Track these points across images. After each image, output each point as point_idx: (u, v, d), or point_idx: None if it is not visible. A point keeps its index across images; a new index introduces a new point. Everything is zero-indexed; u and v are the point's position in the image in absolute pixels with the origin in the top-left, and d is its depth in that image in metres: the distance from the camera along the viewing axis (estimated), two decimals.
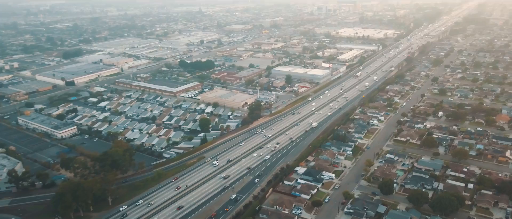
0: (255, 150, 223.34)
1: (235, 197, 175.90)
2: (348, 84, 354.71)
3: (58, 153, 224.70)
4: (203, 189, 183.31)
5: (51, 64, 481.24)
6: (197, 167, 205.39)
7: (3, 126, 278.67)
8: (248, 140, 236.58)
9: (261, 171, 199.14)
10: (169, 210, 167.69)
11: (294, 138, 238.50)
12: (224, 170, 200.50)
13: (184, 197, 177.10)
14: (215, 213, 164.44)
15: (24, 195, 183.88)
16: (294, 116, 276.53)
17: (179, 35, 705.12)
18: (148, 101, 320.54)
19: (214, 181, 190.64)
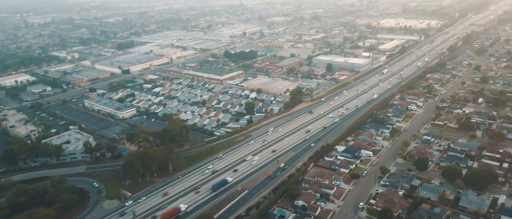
0: (300, 129, 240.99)
1: (282, 165, 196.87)
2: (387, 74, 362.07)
3: (122, 130, 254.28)
4: (256, 159, 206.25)
5: (106, 54, 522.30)
6: (250, 141, 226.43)
7: (72, 107, 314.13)
8: (292, 122, 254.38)
9: (303, 148, 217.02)
10: (227, 173, 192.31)
11: (337, 119, 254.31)
12: (270, 146, 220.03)
13: (238, 165, 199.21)
14: (272, 173, 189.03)
15: (96, 164, 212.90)
16: (335, 101, 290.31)
17: (222, 27, 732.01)
18: (197, 88, 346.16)
19: (264, 153, 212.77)
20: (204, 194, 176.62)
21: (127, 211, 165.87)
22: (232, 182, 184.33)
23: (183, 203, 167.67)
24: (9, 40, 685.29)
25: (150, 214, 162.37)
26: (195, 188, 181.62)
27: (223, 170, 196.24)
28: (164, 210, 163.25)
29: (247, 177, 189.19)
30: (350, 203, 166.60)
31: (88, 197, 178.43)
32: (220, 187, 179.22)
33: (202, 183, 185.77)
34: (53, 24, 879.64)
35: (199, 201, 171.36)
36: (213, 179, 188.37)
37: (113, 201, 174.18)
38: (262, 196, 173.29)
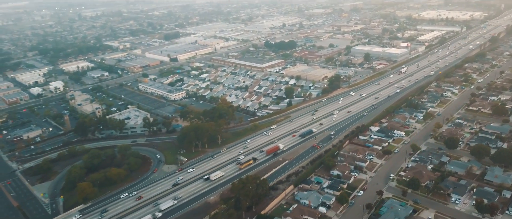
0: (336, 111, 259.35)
1: (332, 133, 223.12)
2: (423, 64, 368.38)
3: (174, 110, 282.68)
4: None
5: (154, 44, 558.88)
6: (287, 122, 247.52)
7: (128, 90, 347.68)
8: (331, 105, 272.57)
9: (342, 126, 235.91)
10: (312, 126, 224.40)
11: (375, 103, 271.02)
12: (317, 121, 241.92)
13: (281, 139, 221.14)
14: (315, 144, 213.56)
15: (154, 137, 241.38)
16: (374, 86, 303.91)
17: (262, 19, 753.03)
18: (240, 75, 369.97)
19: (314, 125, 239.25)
20: (296, 139, 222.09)
21: (184, 171, 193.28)
22: (316, 132, 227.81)
23: (281, 144, 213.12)
24: (66, 31, 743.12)
25: (204, 175, 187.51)
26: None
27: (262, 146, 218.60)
28: (268, 147, 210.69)
29: (296, 145, 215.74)
30: (381, 174, 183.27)
31: (149, 162, 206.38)
32: (307, 135, 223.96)
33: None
34: (103, 17, 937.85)
35: (292, 143, 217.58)
36: None
37: (171, 166, 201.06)
38: (301, 166, 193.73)
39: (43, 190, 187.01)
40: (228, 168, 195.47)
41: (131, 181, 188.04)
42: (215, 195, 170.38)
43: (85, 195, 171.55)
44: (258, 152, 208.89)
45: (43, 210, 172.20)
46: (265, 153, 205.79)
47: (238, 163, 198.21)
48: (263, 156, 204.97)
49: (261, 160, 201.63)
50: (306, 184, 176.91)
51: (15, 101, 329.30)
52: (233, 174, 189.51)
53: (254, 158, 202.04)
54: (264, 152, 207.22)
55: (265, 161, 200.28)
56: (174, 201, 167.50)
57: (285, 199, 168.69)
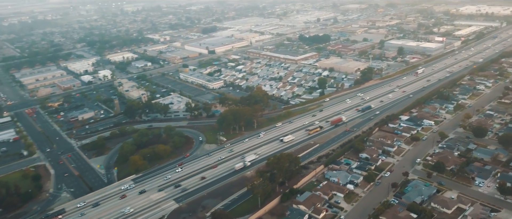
0: None
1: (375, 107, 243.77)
2: (459, 57, 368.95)
3: (213, 97, 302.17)
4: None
5: (193, 37, 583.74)
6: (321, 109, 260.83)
7: (170, 79, 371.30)
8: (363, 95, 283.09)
9: (372, 115, 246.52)
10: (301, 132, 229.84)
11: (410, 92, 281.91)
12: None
13: None
14: (348, 128, 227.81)
15: (195, 120, 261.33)
16: (405, 79, 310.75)
17: (297, 14, 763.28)
18: (274, 66, 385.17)
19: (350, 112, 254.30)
20: (354, 113, 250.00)
21: (225, 149, 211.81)
22: (375, 108, 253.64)
23: (344, 116, 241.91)
24: (110, 25, 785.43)
25: (241, 155, 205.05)
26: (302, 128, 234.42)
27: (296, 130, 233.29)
28: (333, 118, 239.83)
29: (356, 118, 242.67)
30: (408, 159, 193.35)
31: (192, 142, 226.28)
32: (366, 110, 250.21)
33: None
34: (144, 12, 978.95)
35: (353, 116, 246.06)
36: None
37: (211, 145, 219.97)
38: (331, 149, 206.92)
39: (99, 163, 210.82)
40: (299, 134, 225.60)
41: (175, 157, 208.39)
42: (251, 170, 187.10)
43: (137, 166, 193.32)
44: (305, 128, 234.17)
45: (100, 179, 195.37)
46: (330, 123, 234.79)
47: (307, 130, 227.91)
48: (328, 125, 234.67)
49: (326, 128, 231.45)
50: (336, 165, 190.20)
51: (69, 88, 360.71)
52: (303, 138, 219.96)
53: (321, 126, 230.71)
54: (328, 122, 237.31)
55: (330, 130, 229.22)
56: (256, 155, 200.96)
57: (316, 177, 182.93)
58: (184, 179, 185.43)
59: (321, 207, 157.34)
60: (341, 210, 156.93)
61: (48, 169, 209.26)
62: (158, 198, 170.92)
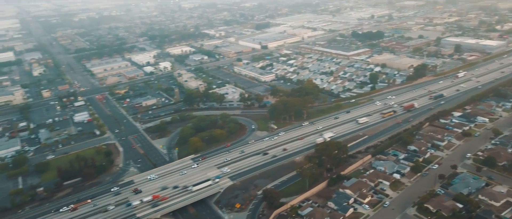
0: None
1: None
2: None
3: (265, 89, 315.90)
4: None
5: (247, 33, 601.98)
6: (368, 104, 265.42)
7: (224, 72, 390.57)
8: (412, 92, 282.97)
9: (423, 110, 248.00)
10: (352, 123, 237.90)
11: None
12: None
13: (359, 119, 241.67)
14: (400, 121, 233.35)
15: (247, 109, 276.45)
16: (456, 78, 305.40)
17: (351, 11, 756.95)
18: (326, 61, 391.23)
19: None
20: (426, 101, 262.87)
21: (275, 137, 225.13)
22: (446, 96, 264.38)
23: (416, 103, 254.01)
24: (169, 21, 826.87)
25: (291, 141, 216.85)
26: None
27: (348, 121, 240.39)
28: (405, 104, 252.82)
29: (428, 105, 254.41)
30: (458, 153, 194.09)
31: (245, 128, 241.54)
32: (439, 97, 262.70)
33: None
34: (200, 8, 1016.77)
35: (424, 103, 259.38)
36: None
37: (263, 132, 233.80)
38: (379, 141, 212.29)
39: (161, 143, 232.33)
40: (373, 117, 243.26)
41: (230, 141, 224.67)
42: (300, 156, 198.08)
43: (196, 147, 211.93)
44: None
45: (162, 158, 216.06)
46: (403, 108, 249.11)
47: (381, 113, 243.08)
48: (401, 110, 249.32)
49: (399, 113, 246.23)
50: (383, 155, 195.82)
51: (133, 77, 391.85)
52: (376, 121, 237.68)
53: (394, 110, 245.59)
54: (402, 107, 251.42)
55: (402, 114, 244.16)
56: (333, 133, 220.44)
57: (363, 166, 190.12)
58: (246, 158, 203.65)
59: (366, 193, 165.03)
60: (386, 197, 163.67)
61: (118, 147, 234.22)
62: (215, 175, 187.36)
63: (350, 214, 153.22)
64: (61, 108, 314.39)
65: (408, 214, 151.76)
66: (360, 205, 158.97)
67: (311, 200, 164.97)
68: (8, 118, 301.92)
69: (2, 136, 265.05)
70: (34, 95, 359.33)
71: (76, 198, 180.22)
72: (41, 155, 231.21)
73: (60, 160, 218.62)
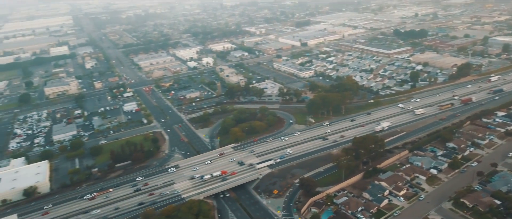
0: None
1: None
2: None
3: (303, 85, 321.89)
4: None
5: (287, 31, 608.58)
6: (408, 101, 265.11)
7: (264, 68, 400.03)
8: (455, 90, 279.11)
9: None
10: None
11: None
12: None
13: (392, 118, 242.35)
14: (444, 117, 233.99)
15: (286, 104, 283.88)
16: None
17: (394, 9, 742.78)
18: (366, 59, 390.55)
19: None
20: (483, 96, 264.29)
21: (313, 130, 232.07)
22: (507, 91, 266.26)
23: (474, 97, 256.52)
24: (211, 18, 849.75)
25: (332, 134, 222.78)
26: None
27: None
28: (463, 98, 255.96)
29: (487, 99, 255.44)
30: (500, 152, 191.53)
31: (283, 121, 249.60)
32: (498, 92, 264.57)
33: None
34: (241, 6, 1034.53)
35: (483, 97, 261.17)
36: None
37: (300, 125, 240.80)
38: (417, 137, 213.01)
39: (204, 133, 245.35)
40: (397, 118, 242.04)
41: (269, 133, 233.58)
42: (338, 148, 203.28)
43: (236, 137, 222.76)
44: None
45: (205, 146, 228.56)
46: (460, 101, 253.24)
47: (439, 105, 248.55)
48: (458, 103, 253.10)
49: (456, 106, 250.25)
50: (421, 151, 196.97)
51: (177, 71, 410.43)
52: (433, 113, 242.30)
53: (452, 103, 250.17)
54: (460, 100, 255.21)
55: (460, 107, 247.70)
56: (389, 123, 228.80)
57: (399, 160, 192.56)
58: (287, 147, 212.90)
59: (402, 186, 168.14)
60: (422, 191, 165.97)
61: (163, 135, 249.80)
62: (255, 162, 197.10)
63: (384, 205, 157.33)
64: (111, 98, 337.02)
65: (443, 208, 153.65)
66: (395, 197, 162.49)
67: (346, 190, 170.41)
68: (65, 106, 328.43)
69: (60, 121, 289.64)
70: (87, 86, 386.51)
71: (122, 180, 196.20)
72: (94, 139, 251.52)
73: (111, 144, 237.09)
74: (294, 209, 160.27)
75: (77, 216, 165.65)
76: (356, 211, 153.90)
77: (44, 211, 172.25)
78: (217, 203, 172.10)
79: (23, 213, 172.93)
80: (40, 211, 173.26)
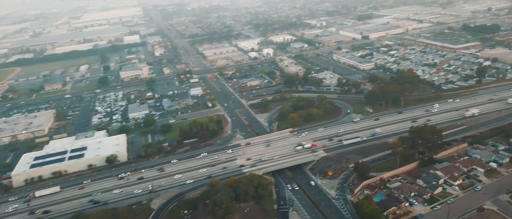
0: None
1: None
2: None
3: (363, 77, 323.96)
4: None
5: (348, 24, 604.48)
6: None
7: (323, 59, 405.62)
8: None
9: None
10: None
11: None
12: None
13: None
14: (501, 113, 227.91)
15: (344, 94, 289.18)
16: None
17: (464, 3, 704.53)
18: (429, 53, 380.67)
19: None
20: None
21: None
22: None
23: None
24: (272, 11, 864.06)
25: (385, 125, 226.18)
26: None
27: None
28: None
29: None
30: None
31: (340, 110, 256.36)
32: None
33: None
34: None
35: None
36: None
37: (357, 115, 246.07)
38: (478, 132, 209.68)
39: (263, 117, 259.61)
40: None
41: (326, 120, 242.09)
42: (394, 138, 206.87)
43: (294, 122, 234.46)
44: None
45: (264, 129, 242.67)
46: None
47: None
48: None
49: None
50: (481, 145, 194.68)
51: (239, 61, 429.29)
52: None
53: None
54: None
55: None
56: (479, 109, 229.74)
57: (457, 152, 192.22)
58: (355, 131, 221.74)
59: (458, 176, 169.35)
60: (479, 182, 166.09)
61: (226, 117, 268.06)
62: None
63: (438, 193, 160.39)
64: (179, 83, 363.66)
65: (500, 200, 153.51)
66: (449, 186, 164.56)
67: (400, 177, 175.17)
68: (138, 88, 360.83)
69: (134, 102, 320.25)
70: (157, 72, 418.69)
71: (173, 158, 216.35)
72: (164, 119, 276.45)
73: (179, 124, 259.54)
74: (347, 190, 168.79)
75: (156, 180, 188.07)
76: (408, 196, 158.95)
77: (81, 186, 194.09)
78: (274, 180, 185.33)
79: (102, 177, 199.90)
80: (118, 176, 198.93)
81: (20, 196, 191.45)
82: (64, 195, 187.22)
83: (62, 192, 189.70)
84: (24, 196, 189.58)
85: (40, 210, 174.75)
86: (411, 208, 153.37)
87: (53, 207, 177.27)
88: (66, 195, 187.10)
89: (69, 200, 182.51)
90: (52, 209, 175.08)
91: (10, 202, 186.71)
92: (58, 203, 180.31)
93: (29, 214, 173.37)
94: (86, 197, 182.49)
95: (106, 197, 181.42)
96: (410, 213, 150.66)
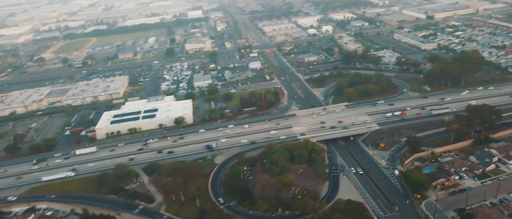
0: None
1: None
2: None
3: (424, 57, 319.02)
4: None
5: (412, 3, 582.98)
6: None
7: (384, 38, 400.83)
8: None
9: None
10: None
11: None
12: None
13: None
14: None
15: (402, 73, 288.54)
16: None
17: None
18: (499, 35, 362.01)
19: None
20: None
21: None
22: None
23: None
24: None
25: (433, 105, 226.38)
26: None
27: None
28: None
29: None
30: None
31: (397, 88, 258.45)
32: None
33: None
34: None
35: None
36: None
37: (414, 93, 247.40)
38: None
39: (319, 92, 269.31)
40: None
41: (382, 96, 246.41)
42: (451, 115, 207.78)
43: (349, 96, 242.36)
44: None
45: (319, 102, 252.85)
46: None
47: None
48: None
49: None
50: None
51: (298, 37, 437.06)
52: None
53: None
54: None
55: None
56: None
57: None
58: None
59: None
60: None
61: (283, 90, 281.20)
62: (365, 120, 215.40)
63: (490, 169, 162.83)
64: (239, 57, 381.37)
65: None
66: (504, 164, 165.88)
67: (453, 152, 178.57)
68: (201, 60, 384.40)
69: (198, 72, 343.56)
70: (219, 45, 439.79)
71: None
72: (226, 88, 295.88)
73: (240, 93, 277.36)
74: (398, 161, 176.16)
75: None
76: (459, 170, 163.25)
77: (111, 148, 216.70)
78: (327, 148, 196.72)
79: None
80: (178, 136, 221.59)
81: (104, 146, 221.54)
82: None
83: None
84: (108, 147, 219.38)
85: None
86: (461, 181, 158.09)
87: (137, 156, 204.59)
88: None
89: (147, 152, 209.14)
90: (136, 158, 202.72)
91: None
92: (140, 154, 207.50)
93: None
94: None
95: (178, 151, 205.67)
96: (459, 185, 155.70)
